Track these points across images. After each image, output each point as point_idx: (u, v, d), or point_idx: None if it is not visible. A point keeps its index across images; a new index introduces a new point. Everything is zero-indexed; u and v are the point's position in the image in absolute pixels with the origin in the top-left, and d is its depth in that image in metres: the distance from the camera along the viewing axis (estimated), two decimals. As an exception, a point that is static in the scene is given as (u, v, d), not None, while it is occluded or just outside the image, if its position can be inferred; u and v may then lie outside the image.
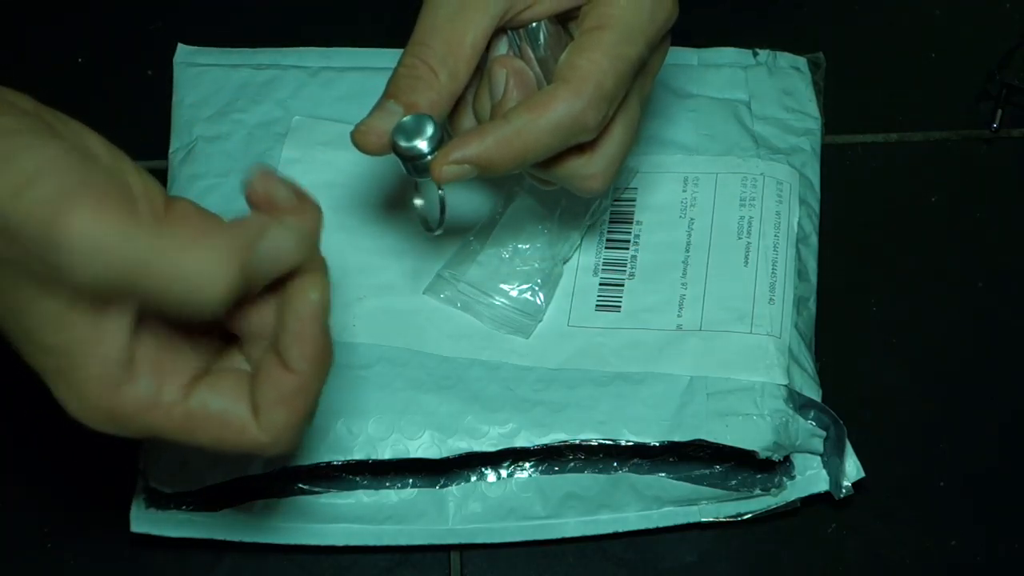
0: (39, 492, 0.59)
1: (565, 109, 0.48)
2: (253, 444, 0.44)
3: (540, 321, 0.59)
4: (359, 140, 0.50)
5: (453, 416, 0.57)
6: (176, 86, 0.66)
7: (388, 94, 0.50)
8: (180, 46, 0.67)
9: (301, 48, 0.68)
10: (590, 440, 0.56)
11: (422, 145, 0.49)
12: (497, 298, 0.59)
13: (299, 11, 0.72)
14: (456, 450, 0.56)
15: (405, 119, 0.49)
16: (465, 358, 0.59)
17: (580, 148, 0.50)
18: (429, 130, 0.49)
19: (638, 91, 0.52)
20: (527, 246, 0.60)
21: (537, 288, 0.60)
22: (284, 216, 0.43)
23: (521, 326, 0.59)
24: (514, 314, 0.59)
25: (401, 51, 0.70)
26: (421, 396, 0.57)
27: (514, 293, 0.60)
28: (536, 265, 0.60)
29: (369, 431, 0.56)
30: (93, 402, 0.42)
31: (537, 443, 0.56)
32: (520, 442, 0.56)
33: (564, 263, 0.61)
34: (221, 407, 0.43)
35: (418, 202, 0.53)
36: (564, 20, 0.52)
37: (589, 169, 0.51)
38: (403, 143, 0.49)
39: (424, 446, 0.56)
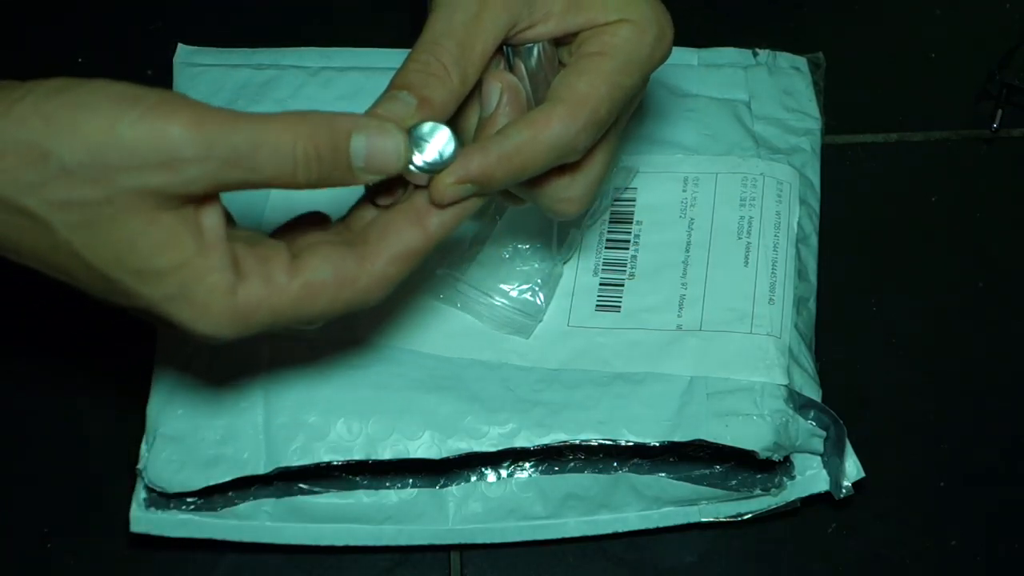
0: (39, 492, 0.59)
1: (561, 129, 0.48)
2: (365, 295, 0.46)
3: (540, 321, 0.59)
4: (380, 128, 0.47)
5: (453, 416, 0.57)
6: (176, 86, 0.66)
7: (399, 85, 0.49)
8: (180, 46, 0.67)
9: (301, 48, 0.68)
10: (590, 440, 0.56)
11: (446, 152, 0.47)
12: (497, 298, 0.59)
13: (299, 11, 0.73)
14: (456, 450, 0.56)
15: (423, 125, 0.47)
16: (465, 358, 0.59)
17: (562, 170, 0.50)
18: (451, 143, 0.47)
19: (621, 122, 0.52)
20: (527, 246, 0.60)
21: (537, 288, 0.60)
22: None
23: (521, 326, 0.59)
24: (514, 314, 0.59)
25: (401, 51, 0.70)
26: (421, 396, 0.57)
27: (514, 293, 0.60)
28: (536, 265, 0.60)
29: (369, 431, 0.56)
30: (219, 309, 0.44)
31: (537, 443, 0.56)
32: (520, 442, 0.56)
33: (564, 263, 0.61)
34: (331, 268, 0.46)
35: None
36: (557, 43, 0.52)
37: (569, 192, 0.51)
38: (426, 157, 0.47)
39: (424, 446, 0.56)
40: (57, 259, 0.43)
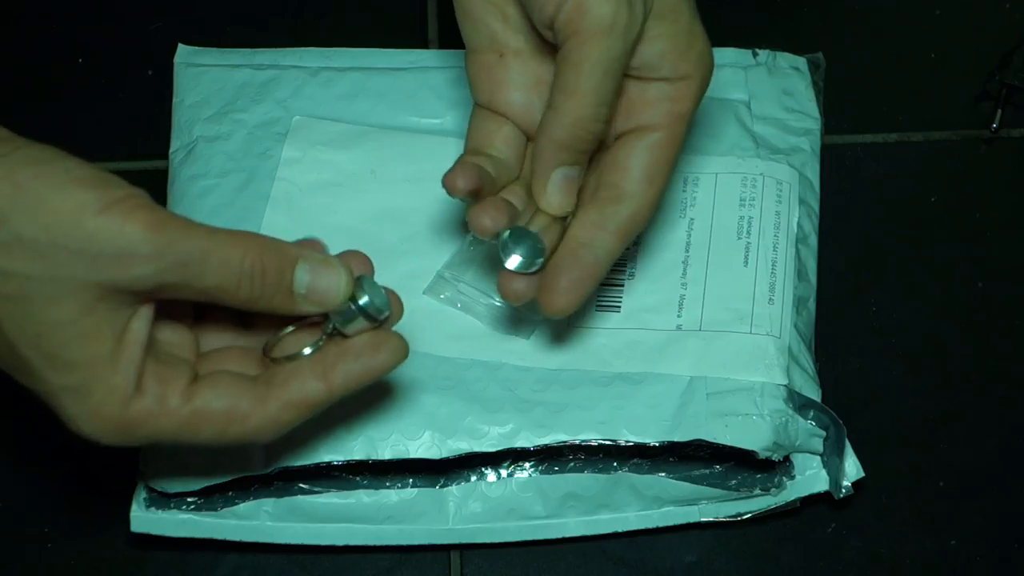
0: (39, 492, 0.59)
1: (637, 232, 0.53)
2: (255, 433, 0.47)
3: (540, 322, 0.59)
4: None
5: (453, 416, 0.57)
6: (176, 86, 0.66)
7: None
8: (180, 46, 0.67)
9: (301, 48, 0.68)
10: (590, 440, 0.56)
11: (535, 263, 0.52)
12: (497, 299, 0.59)
13: (299, 11, 0.73)
14: (456, 451, 0.56)
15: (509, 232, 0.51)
16: (465, 358, 0.59)
17: None
18: (540, 255, 0.51)
19: None
20: None
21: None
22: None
23: (522, 327, 0.59)
24: (514, 315, 0.59)
25: (402, 51, 0.70)
26: (421, 397, 0.57)
27: None
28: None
29: (369, 431, 0.56)
30: (108, 414, 0.45)
31: (537, 443, 0.56)
32: (520, 442, 0.56)
33: None
34: (225, 402, 0.46)
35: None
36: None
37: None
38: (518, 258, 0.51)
39: (424, 446, 0.56)
40: None
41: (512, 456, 0.58)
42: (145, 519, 0.56)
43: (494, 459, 0.58)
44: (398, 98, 0.66)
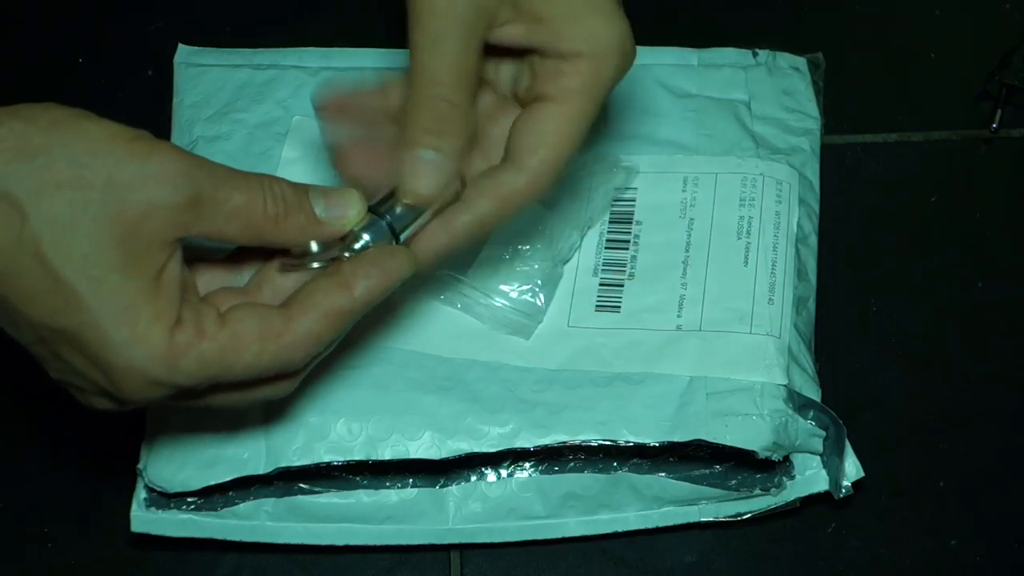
0: (39, 492, 0.59)
1: (526, 198, 0.50)
2: (291, 350, 0.46)
3: (540, 322, 0.59)
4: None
5: (453, 417, 0.57)
6: (176, 86, 0.66)
7: (422, 143, 0.49)
8: (180, 46, 0.67)
9: (301, 48, 0.68)
10: (590, 441, 0.56)
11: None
12: (497, 299, 0.59)
13: (299, 11, 0.73)
14: (456, 451, 0.56)
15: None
16: (465, 359, 0.59)
17: None
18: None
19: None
20: (527, 247, 0.60)
21: (537, 289, 0.60)
22: None
23: (521, 327, 0.59)
24: (514, 315, 0.59)
25: (401, 52, 0.70)
26: (421, 397, 0.57)
27: (514, 294, 0.60)
28: (536, 266, 0.60)
29: (369, 431, 0.56)
30: (155, 341, 0.44)
31: (537, 444, 0.56)
32: (520, 443, 0.56)
33: (564, 264, 0.61)
34: (257, 321, 0.46)
35: None
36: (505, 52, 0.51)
37: None
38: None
39: (424, 447, 0.56)
40: (12, 258, 0.43)
41: (512, 456, 0.58)
42: (145, 519, 0.56)
43: (494, 459, 0.58)
44: (398, 98, 0.66)
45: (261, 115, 0.65)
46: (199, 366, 0.45)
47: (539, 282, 0.60)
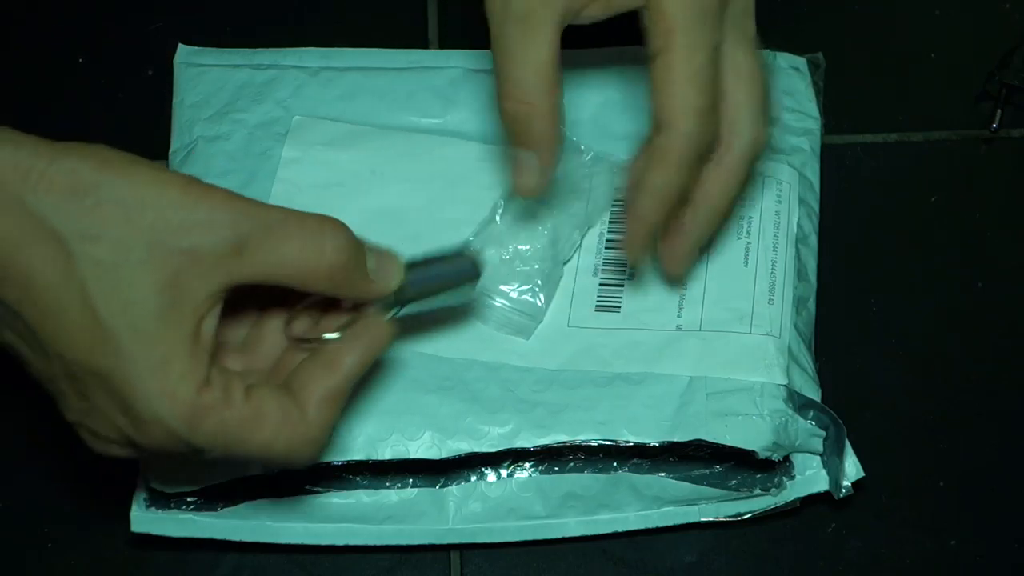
0: (39, 492, 0.59)
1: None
2: (303, 440, 0.47)
3: (540, 322, 0.59)
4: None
5: (453, 417, 0.57)
6: (176, 86, 0.66)
7: (522, 143, 0.52)
8: (180, 46, 0.67)
9: (301, 48, 0.68)
10: (590, 441, 0.56)
11: None
12: (498, 299, 0.59)
13: (299, 11, 0.73)
14: (456, 451, 0.56)
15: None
16: (465, 359, 0.59)
17: None
18: None
19: None
20: (527, 247, 0.60)
21: (537, 289, 0.60)
22: None
23: (522, 327, 0.59)
24: (515, 315, 0.59)
25: (401, 52, 0.70)
26: (421, 397, 0.57)
27: (514, 294, 0.60)
28: (536, 266, 0.60)
29: (369, 431, 0.56)
30: (183, 396, 0.44)
31: (537, 444, 0.56)
32: (520, 443, 0.56)
33: (564, 264, 0.61)
34: (278, 405, 0.47)
35: None
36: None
37: None
38: None
39: (424, 447, 0.56)
40: (55, 296, 0.43)
41: (512, 456, 0.58)
42: (145, 519, 0.56)
43: (494, 459, 0.58)
44: (398, 98, 0.66)
45: (261, 115, 0.65)
46: (218, 431, 0.45)
47: (539, 282, 0.60)
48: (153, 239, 0.43)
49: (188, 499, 0.56)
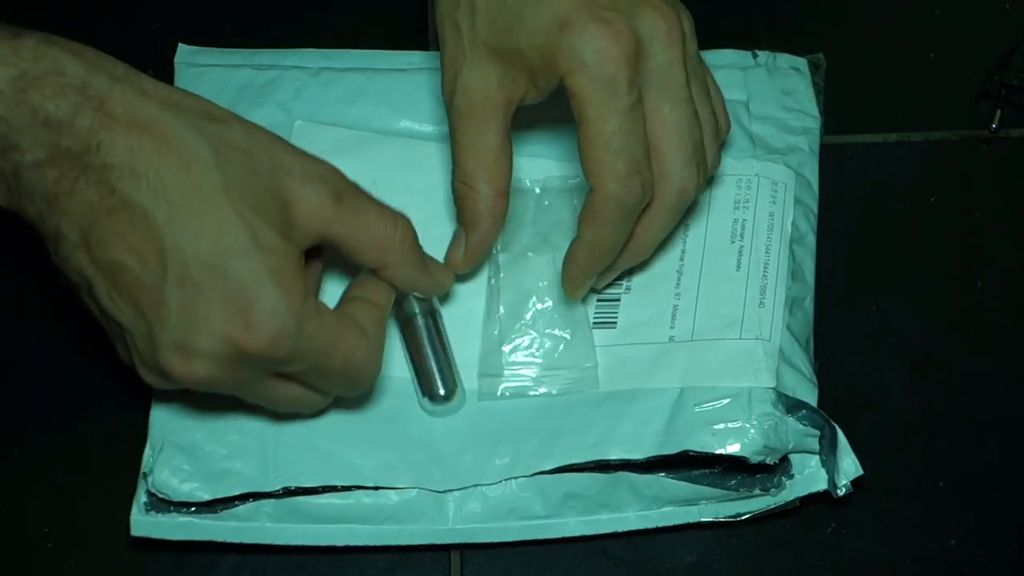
0: (39, 492, 0.59)
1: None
2: (371, 354, 0.54)
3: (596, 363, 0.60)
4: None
5: (455, 454, 0.58)
6: (177, 86, 0.66)
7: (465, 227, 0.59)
8: (181, 46, 0.67)
9: (302, 49, 0.68)
10: (582, 462, 0.57)
11: None
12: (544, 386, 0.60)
13: (299, 11, 0.72)
14: (460, 483, 0.57)
15: None
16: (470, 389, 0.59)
17: None
18: None
19: None
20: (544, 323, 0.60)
21: (569, 337, 0.60)
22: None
23: (585, 381, 0.59)
24: (571, 378, 0.60)
25: (401, 52, 0.70)
26: (425, 432, 0.58)
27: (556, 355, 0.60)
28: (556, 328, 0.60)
29: (378, 460, 0.57)
30: (293, 298, 0.50)
31: (534, 471, 0.57)
32: (518, 472, 0.57)
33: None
34: (355, 320, 0.53)
35: None
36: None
37: None
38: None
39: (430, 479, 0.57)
40: (195, 189, 0.48)
41: (512, 456, 0.58)
42: (145, 523, 0.56)
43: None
44: (399, 101, 0.66)
45: (262, 117, 0.64)
46: (316, 334, 0.51)
47: (567, 335, 0.60)
48: (273, 169, 0.50)
49: (188, 503, 0.56)
